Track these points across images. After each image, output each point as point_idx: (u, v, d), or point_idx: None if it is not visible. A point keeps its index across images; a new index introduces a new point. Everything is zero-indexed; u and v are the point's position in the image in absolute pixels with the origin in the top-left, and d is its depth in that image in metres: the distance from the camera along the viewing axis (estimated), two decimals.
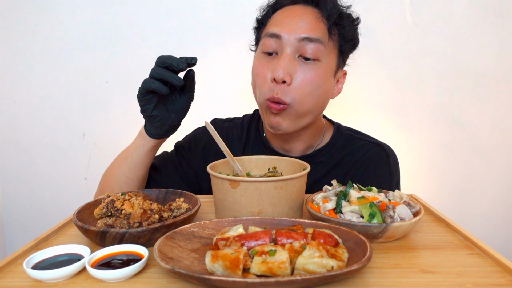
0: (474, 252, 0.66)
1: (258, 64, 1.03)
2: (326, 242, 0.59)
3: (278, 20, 1.02)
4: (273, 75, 0.97)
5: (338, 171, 1.13)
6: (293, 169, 0.91)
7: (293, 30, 0.97)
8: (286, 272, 0.52)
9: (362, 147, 1.16)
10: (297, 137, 1.12)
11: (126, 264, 0.59)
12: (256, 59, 1.06)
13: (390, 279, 0.57)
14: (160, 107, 0.94)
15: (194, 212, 0.75)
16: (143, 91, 0.90)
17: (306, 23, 0.98)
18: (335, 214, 0.73)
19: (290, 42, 0.97)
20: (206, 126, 0.84)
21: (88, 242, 0.71)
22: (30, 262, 0.60)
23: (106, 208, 0.72)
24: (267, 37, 1.00)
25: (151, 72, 0.89)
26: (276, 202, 0.74)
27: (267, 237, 0.60)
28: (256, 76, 1.03)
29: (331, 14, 1.00)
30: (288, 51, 0.97)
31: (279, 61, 0.97)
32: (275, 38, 0.99)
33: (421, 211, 0.73)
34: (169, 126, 0.98)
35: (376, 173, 1.12)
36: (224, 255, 0.54)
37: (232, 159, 0.85)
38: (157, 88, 0.87)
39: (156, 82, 0.87)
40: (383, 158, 1.15)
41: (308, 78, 0.98)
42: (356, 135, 1.20)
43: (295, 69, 0.97)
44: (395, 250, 0.67)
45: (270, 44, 1.00)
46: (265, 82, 1.00)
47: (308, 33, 0.96)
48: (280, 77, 0.95)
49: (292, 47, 0.97)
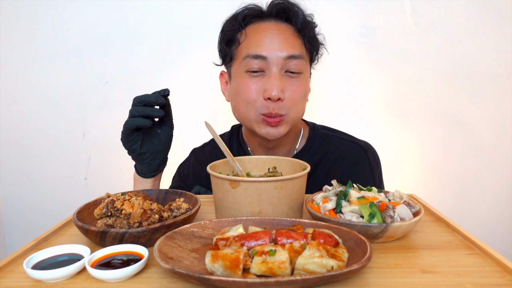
0: (474, 252, 0.66)
1: (245, 82, 1.05)
2: (326, 242, 0.59)
3: (257, 40, 1.04)
4: (267, 94, 1.01)
5: (319, 172, 1.15)
6: (293, 169, 0.91)
7: (277, 49, 1.02)
8: (286, 272, 0.52)
9: (339, 146, 1.19)
10: (281, 143, 1.15)
11: (126, 264, 0.59)
12: (240, 78, 1.06)
13: (390, 279, 0.57)
14: (146, 143, 0.99)
15: (194, 212, 0.75)
16: (127, 132, 0.94)
17: (287, 42, 1.03)
18: (335, 214, 0.73)
19: (276, 61, 1.02)
20: (206, 126, 0.84)
21: (88, 242, 0.71)
22: (30, 262, 0.60)
23: (106, 208, 0.72)
24: (251, 59, 1.03)
25: (130, 112, 0.93)
26: (276, 202, 0.74)
27: (267, 237, 0.60)
28: (245, 93, 1.05)
29: (303, 29, 1.06)
30: (275, 70, 1.02)
31: (271, 80, 1.01)
32: (260, 59, 1.02)
33: (421, 211, 0.73)
34: (159, 160, 1.03)
35: (357, 171, 1.15)
36: (224, 255, 0.54)
37: (232, 159, 0.85)
38: (141, 124, 0.92)
39: (138, 119, 0.92)
40: (362, 155, 1.18)
41: (297, 90, 1.05)
42: (331, 133, 1.23)
43: (284, 84, 1.03)
44: (395, 250, 0.67)
45: (255, 63, 1.03)
46: (257, 100, 1.04)
47: (291, 51, 1.02)
48: (276, 96, 1.00)
49: (278, 66, 1.02)
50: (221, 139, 0.84)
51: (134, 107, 0.93)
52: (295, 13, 1.06)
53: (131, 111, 0.93)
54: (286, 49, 1.02)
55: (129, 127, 0.93)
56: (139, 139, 0.97)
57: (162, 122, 1.01)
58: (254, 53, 1.02)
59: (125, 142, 0.97)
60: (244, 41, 1.06)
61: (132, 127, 0.92)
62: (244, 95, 1.05)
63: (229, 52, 1.10)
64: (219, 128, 1.10)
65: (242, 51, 1.06)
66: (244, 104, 1.06)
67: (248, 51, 1.04)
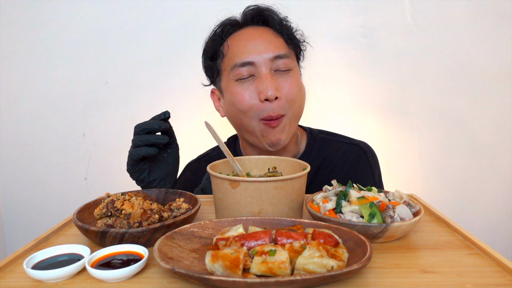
0: (474, 252, 0.66)
1: (238, 91, 1.04)
2: (326, 242, 0.59)
3: (241, 47, 1.04)
4: (263, 95, 1.00)
5: (321, 177, 1.15)
6: (293, 169, 0.91)
7: (262, 52, 1.02)
8: (286, 272, 0.52)
9: (338, 149, 1.19)
10: (283, 149, 1.15)
11: (126, 264, 0.59)
12: (232, 88, 1.06)
13: (390, 279, 0.57)
14: (155, 170, 0.97)
15: (194, 212, 0.75)
16: (133, 162, 0.92)
17: (269, 43, 1.03)
18: (335, 214, 0.73)
19: (264, 63, 1.02)
20: (206, 126, 0.84)
21: (88, 242, 0.71)
22: (30, 262, 0.60)
23: (106, 208, 0.72)
24: (239, 67, 1.03)
25: (134, 142, 0.91)
26: (276, 202, 0.74)
27: (267, 237, 0.60)
28: (240, 102, 1.04)
29: (281, 29, 1.07)
30: (265, 71, 1.02)
31: (263, 81, 1.01)
32: (247, 66, 1.02)
33: (421, 211, 0.73)
34: (170, 184, 1.02)
35: (357, 173, 1.15)
36: (224, 255, 0.54)
37: (232, 159, 0.85)
38: (146, 153, 0.90)
39: (142, 148, 0.90)
40: (361, 156, 1.18)
41: (291, 86, 1.04)
42: (329, 137, 1.23)
43: (277, 82, 1.03)
44: (395, 250, 0.67)
45: (244, 71, 1.03)
46: (253, 105, 1.03)
47: (276, 51, 1.03)
48: (273, 95, 1.00)
49: (267, 67, 1.02)
50: (221, 140, 0.84)
51: (137, 136, 0.90)
52: (269, 15, 1.07)
53: (134, 140, 0.90)
54: (271, 50, 1.02)
55: (135, 158, 0.90)
56: (146, 168, 0.95)
57: (167, 144, 0.99)
58: (241, 61, 1.03)
59: (132, 173, 0.94)
60: (228, 52, 1.06)
61: (137, 157, 0.90)
62: (239, 104, 1.04)
63: (215, 66, 1.10)
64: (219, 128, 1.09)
65: (228, 63, 1.06)
66: (242, 114, 1.05)
67: (234, 60, 1.04)
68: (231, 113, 1.09)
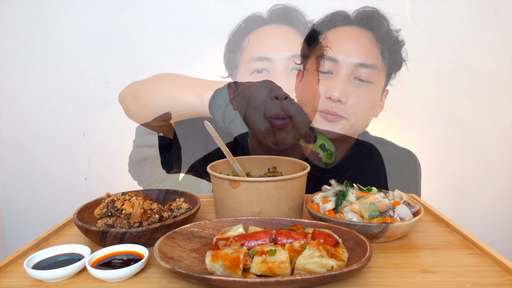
0: (473, 252, 0.66)
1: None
2: (326, 242, 0.59)
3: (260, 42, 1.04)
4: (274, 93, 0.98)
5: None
6: (293, 169, 0.91)
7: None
8: (286, 272, 0.52)
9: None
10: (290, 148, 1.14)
11: (126, 264, 0.59)
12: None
13: (390, 279, 0.57)
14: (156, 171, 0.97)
15: (194, 212, 0.75)
16: (134, 163, 0.92)
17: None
18: (335, 214, 0.73)
19: (280, 61, 1.02)
20: (206, 126, 0.84)
21: (88, 242, 0.71)
22: (31, 262, 0.60)
23: (106, 208, 0.72)
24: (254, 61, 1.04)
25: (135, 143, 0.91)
26: (276, 202, 0.74)
27: (267, 237, 0.60)
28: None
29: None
30: (280, 69, 1.02)
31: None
32: (263, 61, 1.03)
33: (421, 211, 0.73)
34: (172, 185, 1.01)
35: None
36: (224, 255, 0.55)
37: (232, 159, 0.85)
38: (147, 154, 0.90)
39: (143, 149, 0.90)
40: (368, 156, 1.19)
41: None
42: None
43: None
44: (395, 250, 0.67)
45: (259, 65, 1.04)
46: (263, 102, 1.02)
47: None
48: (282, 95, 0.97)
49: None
50: (221, 140, 0.84)
51: (138, 137, 0.91)
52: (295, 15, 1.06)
53: (135, 141, 0.90)
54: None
55: (135, 158, 0.90)
56: (147, 168, 0.95)
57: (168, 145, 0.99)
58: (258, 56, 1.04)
59: (133, 173, 0.94)
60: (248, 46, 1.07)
61: (138, 158, 0.90)
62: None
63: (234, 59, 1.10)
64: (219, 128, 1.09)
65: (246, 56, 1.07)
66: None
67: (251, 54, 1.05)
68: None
